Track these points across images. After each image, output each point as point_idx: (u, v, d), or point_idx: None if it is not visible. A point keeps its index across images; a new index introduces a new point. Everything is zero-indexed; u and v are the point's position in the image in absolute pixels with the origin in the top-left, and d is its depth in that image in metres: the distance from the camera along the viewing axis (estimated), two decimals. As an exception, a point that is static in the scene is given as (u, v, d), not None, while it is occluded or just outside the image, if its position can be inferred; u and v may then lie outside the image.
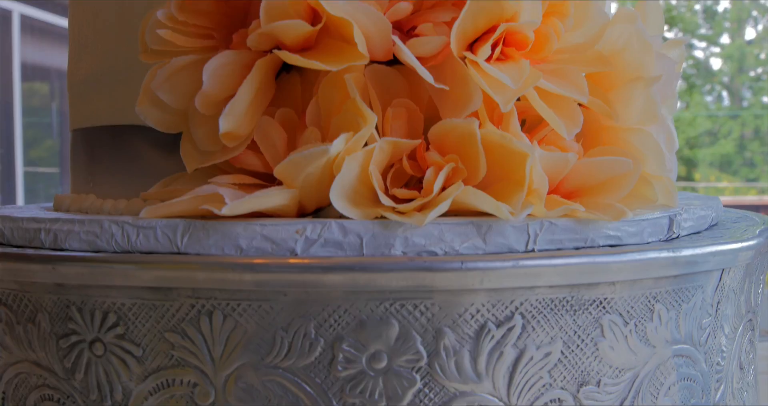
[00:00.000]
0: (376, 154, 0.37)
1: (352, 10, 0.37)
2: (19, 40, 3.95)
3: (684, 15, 8.09)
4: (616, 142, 0.44)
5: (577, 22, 0.43)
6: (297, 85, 0.42)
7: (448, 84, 0.39)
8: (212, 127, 0.41)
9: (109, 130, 0.52)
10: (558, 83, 0.41)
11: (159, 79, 0.42)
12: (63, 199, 0.57)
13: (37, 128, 4.36)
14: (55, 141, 4.53)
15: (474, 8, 0.38)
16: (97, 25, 0.53)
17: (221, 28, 0.43)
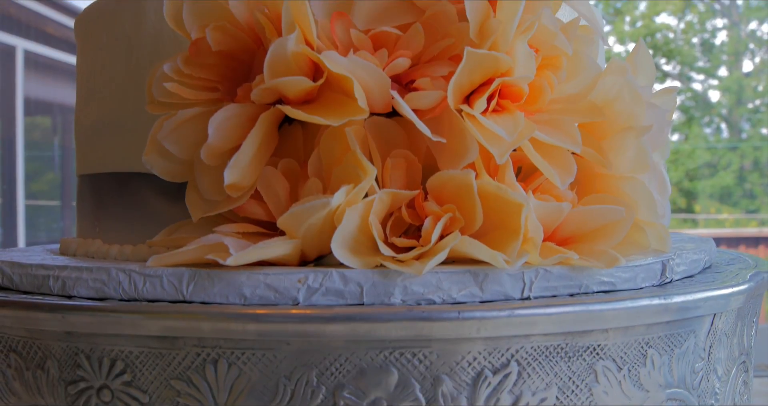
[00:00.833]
0: (376, 205, 0.39)
1: (353, 66, 0.39)
2: (23, 76, 3.98)
3: (682, 48, 8.15)
4: (610, 189, 0.45)
5: (570, 74, 0.45)
6: (299, 135, 0.44)
7: (445, 136, 0.41)
8: (217, 177, 0.42)
9: (116, 176, 0.53)
10: (552, 134, 0.42)
11: (165, 131, 0.44)
12: (69, 243, 0.58)
13: (39, 161, 4.38)
14: (57, 175, 4.55)
15: (470, 63, 0.39)
16: (105, 75, 0.55)
17: (226, 81, 0.44)
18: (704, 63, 8.32)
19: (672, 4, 8.03)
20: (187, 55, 0.44)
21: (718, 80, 8.27)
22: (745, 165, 7.87)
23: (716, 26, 8.30)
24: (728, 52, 8.22)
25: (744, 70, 8.12)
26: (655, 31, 8.00)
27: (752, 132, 8.12)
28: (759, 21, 7.96)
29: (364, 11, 0.42)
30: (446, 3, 0.42)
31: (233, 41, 0.43)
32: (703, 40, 8.29)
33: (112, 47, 0.54)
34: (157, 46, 0.50)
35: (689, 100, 8.27)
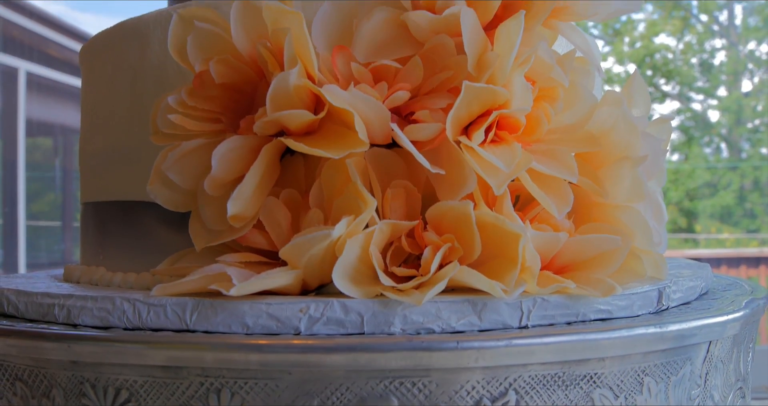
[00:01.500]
0: (376, 235, 0.39)
1: (353, 99, 0.40)
2: (25, 97, 4.00)
3: (681, 68, 8.18)
4: (606, 218, 0.46)
5: (566, 105, 0.46)
6: (301, 166, 0.44)
7: (444, 167, 0.42)
8: (220, 207, 0.43)
9: (120, 205, 0.54)
10: (549, 164, 0.43)
11: (169, 161, 0.45)
12: (73, 270, 0.59)
13: (40, 182, 4.39)
14: (58, 195, 4.56)
15: (468, 97, 0.40)
16: (110, 104, 0.56)
17: (228, 112, 0.45)
18: (703, 83, 8.35)
19: (671, 25, 8.07)
20: (191, 88, 0.44)
21: (718, 100, 8.30)
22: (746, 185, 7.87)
23: (715, 46, 8.33)
24: (727, 72, 8.25)
25: (743, 90, 8.15)
26: (654, 51, 8.03)
27: (752, 152, 8.13)
28: (757, 41, 8.00)
29: (364, 44, 0.43)
30: (444, 36, 0.43)
31: (236, 74, 0.44)
32: (702, 60, 8.32)
33: (117, 77, 0.55)
34: (161, 76, 0.51)
35: (689, 120, 8.29)
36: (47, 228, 4.48)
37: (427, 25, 0.43)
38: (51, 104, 4.41)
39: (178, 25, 0.46)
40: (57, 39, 4.16)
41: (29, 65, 4.03)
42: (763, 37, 7.93)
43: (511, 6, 0.44)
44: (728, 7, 8.09)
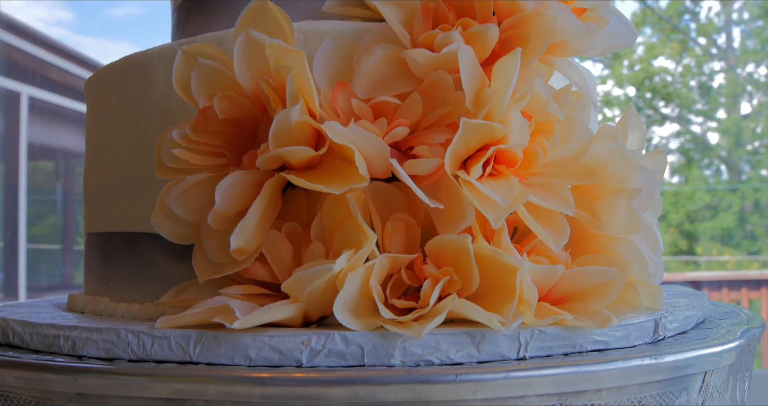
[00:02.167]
0: (377, 268, 0.40)
1: (354, 136, 0.41)
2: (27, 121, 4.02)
3: (680, 91, 8.21)
4: (602, 249, 0.47)
5: (563, 138, 0.46)
6: (302, 199, 0.45)
7: (442, 201, 0.42)
8: (223, 240, 0.44)
9: (124, 236, 0.55)
10: (546, 198, 0.44)
11: (173, 195, 0.45)
12: (77, 299, 0.59)
13: (41, 205, 4.40)
14: (58, 218, 4.56)
15: (466, 133, 0.41)
16: (114, 136, 0.57)
17: (231, 147, 0.46)
18: (702, 105, 8.38)
19: (669, 48, 8.12)
20: (195, 123, 0.45)
21: (717, 122, 8.32)
22: (746, 206, 7.87)
23: (713, 69, 8.37)
24: (726, 95, 8.28)
25: (742, 113, 8.17)
26: (653, 74, 8.07)
27: (752, 174, 8.14)
28: (756, 63, 8.03)
29: (364, 81, 0.44)
30: (443, 73, 0.44)
31: (239, 109, 0.45)
32: (700, 82, 8.35)
33: (122, 110, 0.56)
34: (165, 110, 0.52)
35: (688, 143, 8.31)
36: (48, 251, 4.49)
37: (426, 62, 0.44)
38: (53, 128, 4.43)
39: (182, 61, 0.47)
40: (59, 64, 4.19)
41: (31, 90, 4.06)
42: (762, 60, 7.97)
43: (509, 42, 0.45)
44: (726, 30, 8.13)
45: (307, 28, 0.49)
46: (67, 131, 4.50)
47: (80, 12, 5.85)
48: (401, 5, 0.46)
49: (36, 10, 4.86)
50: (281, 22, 0.45)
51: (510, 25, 0.45)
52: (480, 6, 0.45)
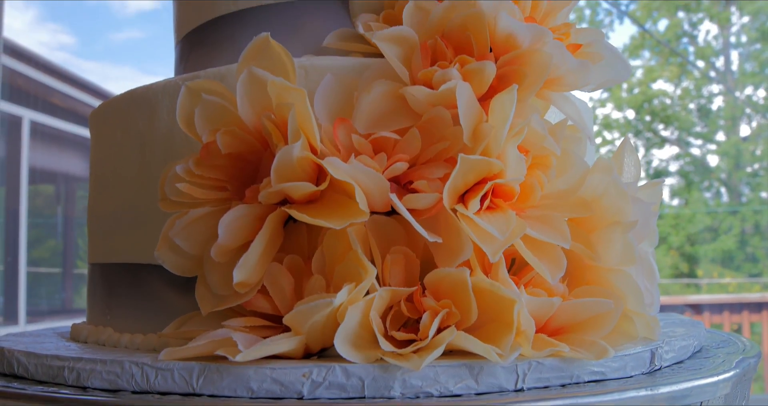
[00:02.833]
0: (376, 301, 0.41)
1: (354, 171, 0.42)
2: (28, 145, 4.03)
3: (679, 113, 8.24)
4: (599, 281, 0.48)
5: (559, 172, 0.47)
6: (303, 232, 0.46)
7: (441, 235, 0.43)
8: (226, 272, 0.45)
9: (128, 267, 0.56)
10: (542, 231, 0.44)
11: (177, 228, 0.46)
12: (80, 329, 0.60)
13: (41, 229, 4.41)
14: (59, 242, 4.57)
15: (464, 168, 0.42)
16: (119, 169, 0.58)
17: (234, 180, 0.47)
18: (702, 128, 8.41)
19: (668, 71, 8.16)
20: (198, 158, 0.46)
21: (716, 145, 8.34)
22: (746, 229, 7.87)
23: (712, 92, 8.41)
24: (725, 117, 8.31)
25: (741, 135, 8.19)
26: (652, 97, 8.11)
27: (752, 196, 8.14)
28: (754, 86, 8.07)
29: (364, 117, 0.45)
30: (441, 109, 0.45)
31: (242, 144, 0.46)
32: (699, 105, 8.39)
33: (126, 143, 0.57)
34: (168, 143, 0.53)
35: (688, 165, 8.33)
36: (47, 275, 4.49)
37: (425, 98, 0.45)
38: (54, 152, 4.45)
39: (186, 97, 0.48)
40: (61, 88, 4.21)
41: (33, 114, 4.08)
42: (760, 82, 8.01)
43: (506, 77, 0.46)
44: (725, 53, 8.18)
45: (308, 64, 0.50)
46: (68, 155, 4.52)
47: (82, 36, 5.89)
48: (400, 42, 0.47)
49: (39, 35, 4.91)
50: (283, 59, 0.46)
51: (507, 62, 0.46)
52: (477, 43, 0.46)
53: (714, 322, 3.92)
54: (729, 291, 7.23)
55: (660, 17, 8.12)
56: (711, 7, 8.01)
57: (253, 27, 0.60)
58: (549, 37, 0.45)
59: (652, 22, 8.25)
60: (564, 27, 0.50)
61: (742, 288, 7.32)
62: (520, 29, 0.45)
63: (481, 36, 0.46)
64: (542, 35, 0.45)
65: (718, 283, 7.53)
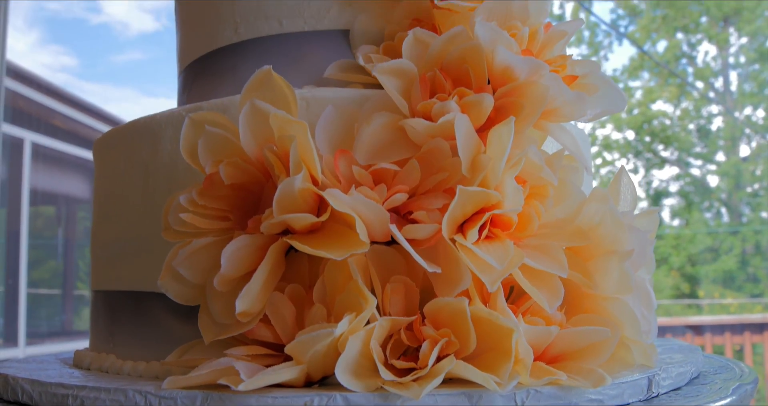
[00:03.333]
0: (377, 331, 0.42)
1: (355, 203, 0.42)
2: (30, 167, 4.05)
3: (679, 134, 8.26)
4: (596, 309, 0.48)
5: (556, 201, 0.48)
6: (305, 262, 0.47)
7: (440, 264, 0.44)
8: (228, 302, 0.45)
9: (131, 294, 0.56)
10: (540, 260, 0.45)
11: (180, 258, 0.47)
12: (83, 356, 0.60)
13: (42, 250, 4.41)
14: (59, 263, 4.57)
15: (462, 199, 0.43)
16: (122, 198, 0.58)
17: (236, 210, 0.47)
18: (701, 148, 8.42)
19: (667, 92, 8.19)
20: (202, 188, 0.47)
21: (716, 165, 8.36)
22: (747, 249, 7.87)
23: (711, 112, 8.43)
24: (725, 138, 8.33)
25: (741, 155, 8.21)
26: (651, 118, 8.13)
27: (752, 216, 8.14)
28: (753, 106, 8.09)
29: (364, 148, 0.46)
30: (440, 140, 0.46)
31: (244, 175, 0.47)
32: (699, 126, 8.41)
33: (129, 172, 0.57)
34: (172, 173, 0.54)
35: (688, 186, 8.34)
36: (47, 296, 4.48)
37: (424, 130, 0.45)
38: (55, 174, 4.46)
39: (190, 128, 0.49)
40: (63, 110, 4.22)
41: (35, 136, 4.09)
42: (759, 103, 8.03)
43: (503, 109, 0.47)
44: (723, 73, 8.21)
45: (309, 96, 0.51)
46: (69, 177, 4.53)
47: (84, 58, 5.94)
48: (400, 75, 0.48)
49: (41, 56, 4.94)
50: (284, 91, 0.47)
51: (504, 93, 0.47)
52: (475, 75, 0.47)
53: (716, 343, 3.91)
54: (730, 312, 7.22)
55: (659, 38, 8.16)
56: (709, 28, 8.05)
57: (255, 58, 0.61)
58: (545, 69, 0.46)
59: (651, 44, 8.29)
60: (560, 59, 0.51)
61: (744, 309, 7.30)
62: (517, 62, 0.46)
63: (479, 68, 0.47)
64: (539, 68, 0.46)
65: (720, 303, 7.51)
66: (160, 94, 6.88)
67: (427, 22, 0.56)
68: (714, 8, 7.83)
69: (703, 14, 8.02)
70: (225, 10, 0.63)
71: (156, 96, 6.55)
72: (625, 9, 8.17)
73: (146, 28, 6.27)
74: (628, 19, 8.33)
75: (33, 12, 4.62)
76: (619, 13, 8.27)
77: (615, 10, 8.27)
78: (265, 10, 0.61)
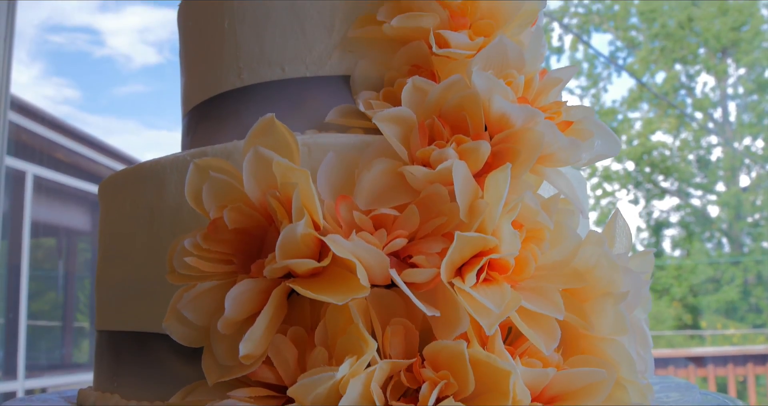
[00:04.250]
0: (377, 373, 0.43)
1: (355, 248, 0.43)
2: (31, 200, 4.06)
3: (678, 165, 8.29)
4: (593, 349, 0.49)
5: (552, 244, 0.49)
6: (306, 304, 0.48)
7: (439, 307, 0.45)
8: (232, 344, 0.46)
9: (135, 335, 0.57)
10: (537, 302, 0.46)
11: (185, 301, 0.48)
12: (87, 395, 0.61)
13: (42, 281, 4.41)
14: (59, 295, 4.57)
15: (461, 244, 0.44)
16: (127, 239, 0.60)
17: (240, 254, 0.49)
18: (701, 179, 8.44)
19: (667, 123, 8.22)
20: (206, 233, 0.48)
21: (717, 195, 8.36)
22: (749, 279, 7.85)
23: (711, 143, 8.46)
24: (724, 168, 8.34)
25: (741, 185, 8.22)
26: (651, 148, 8.15)
27: (754, 246, 8.14)
28: (752, 137, 8.12)
29: (365, 194, 0.47)
30: (438, 186, 0.47)
31: (247, 219, 0.48)
32: (699, 156, 8.43)
33: (135, 215, 0.59)
34: (176, 216, 0.55)
35: (689, 216, 8.34)
36: (47, 328, 4.47)
37: (423, 177, 0.47)
38: (56, 206, 4.47)
39: (195, 174, 0.50)
40: (65, 143, 4.25)
41: (37, 169, 4.11)
42: (758, 133, 8.06)
43: (500, 154, 0.49)
44: (722, 104, 8.25)
45: (311, 142, 0.52)
46: (70, 209, 4.54)
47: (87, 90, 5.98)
48: (399, 122, 0.49)
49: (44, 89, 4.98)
50: (287, 138, 0.48)
51: (501, 140, 0.48)
52: (472, 122, 0.49)
53: (719, 374, 3.90)
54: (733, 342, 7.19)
55: (657, 70, 8.21)
56: (707, 60, 8.10)
57: (258, 102, 0.62)
58: (540, 117, 0.48)
59: (650, 75, 8.34)
60: (555, 105, 0.52)
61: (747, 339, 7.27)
62: (513, 110, 0.47)
63: (477, 116, 0.48)
64: (534, 116, 0.48)
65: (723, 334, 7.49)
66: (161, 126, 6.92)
67: (426, 68, 0.57)
68: (712, 40, 7.89)
69: (701, 45, 8.08)
70: (229, 55, 0.65)
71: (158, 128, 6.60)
72: (624, 41, 8.24)
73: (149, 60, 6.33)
74: (626, 50, 8.40)
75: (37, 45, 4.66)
76: (618, 44, 8.33)
77: (613, 42, 8.33)
78: (268, 56, 0.63)
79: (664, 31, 7.82)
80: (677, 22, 7.80)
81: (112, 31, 5.60)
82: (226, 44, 0.65)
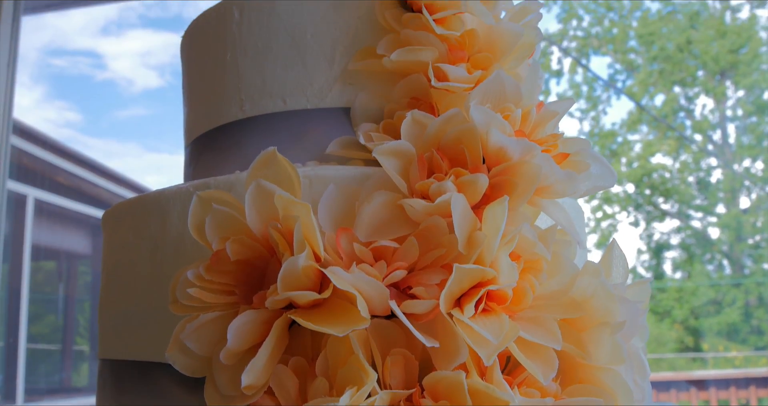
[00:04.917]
0: (377, 404, 0.43)
1: (356, 281, 0.44)
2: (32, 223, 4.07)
3: (678, 187, 8.30)
4: (590, 378, 0.50)
5: (550, 274, 0.50)
6: (308, 335, 0.49)
7: (438, 338, 0.46)
8: (234, 374, 0.47)
9: (137, 364, 0.58)
10: (534, 332, 0.47)
11: (187, 331, 0.49)
12: (91, 423, 0.62)
13: (41, 304, 4.40)
14: (59, 319, 4.56)
15: (459, 276, 0.45)
16: (131, 269, 0.60)
17: (242, 285, 0.49)
18: (701, 201, 8.44)
19: (666, 145, 8.24)
20: (209, 264, 0.49)
21: (717, 217, 8.37)
22: (750, 301, 7.83)
23: (711, 165, 8.48)
24: (724, 190, 8.35)
25: (741, 207, 8.22)
26: (651, 171, 8.17)
27: (755, 268, 8.12)
28: (752, 158, 8.14)
29: (365, 226, 0.48)
30: (437, 217, 0.48)
31: (249, 251, 0.49)
32: (698, 178, 8.44)
33: (138, 246, 0.59)
34: (179, 247, 0.56)
35: (689, 238, 8.33)
36: (46, 352, 4.46)
37: (422, 209, 0.48)
38: (57, 230, 4.48)
39: (198, 206, 0.51)
40: (66, 167, 4.26)
41: (38, 192, 4.12)
42: (758, 155, 8.07)
43: (498, 186, 0.49)
44: (721, 126, 8.27)
45: (312, 174, 0.53)
46: (71, 233, 4.55)
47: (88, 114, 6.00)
48: (399, 155, 0.50)
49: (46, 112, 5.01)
50: (288, 171, 0.49)
51: (499, 172, 0.49)
52: (471, 155, 0.50)
53: (721, 398, 3.89)
54: (735, 365, 7.16)
55: (656, 92, 8.24)
56: (706, 82, 8.13)
57: (260, 134, 0.63)
58: (537, 150, 0.49)
59: (649, 97, 8.37)
60: (552, 138, 0.53)
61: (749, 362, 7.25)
62: (510, 144, 0.48)
63: (474, 149, 0.49)
64: (531, 149, 0.48)
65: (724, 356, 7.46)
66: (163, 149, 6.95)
67: (425, 100, 0.58)
68: (710, 62, 7.93)
69: (700, 68, 8.12)
70: (231, 87, 0.66)
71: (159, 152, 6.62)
72: (623, 64, 8.28)
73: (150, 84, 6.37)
74: (625, 73, 8.44)
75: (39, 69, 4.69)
76: (617, 67, 8.37)
77: (612, 65, 8.37)
78: (270, 88, 0.64)
79: (662, 54, 7.86)
80: (676, 45, 7.84)
81: (113, 55, 5.63)
82: (228, 76, 0.67)
